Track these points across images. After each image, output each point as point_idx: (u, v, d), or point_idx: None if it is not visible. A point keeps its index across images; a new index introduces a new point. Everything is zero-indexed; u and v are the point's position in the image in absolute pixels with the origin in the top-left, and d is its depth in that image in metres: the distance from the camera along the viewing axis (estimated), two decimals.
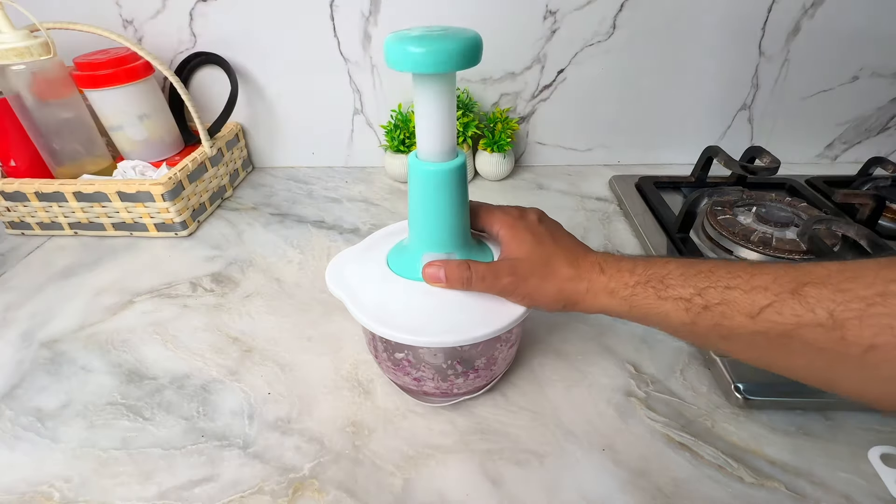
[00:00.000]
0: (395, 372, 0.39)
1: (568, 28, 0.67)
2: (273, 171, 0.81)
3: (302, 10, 0.67)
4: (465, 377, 0.38)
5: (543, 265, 0.33)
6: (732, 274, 0.27)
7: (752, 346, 0.26)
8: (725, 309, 0.26)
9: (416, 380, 0.39)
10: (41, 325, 0.49)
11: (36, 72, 0.57)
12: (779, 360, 0.26)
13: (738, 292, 0.26)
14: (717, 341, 0.28)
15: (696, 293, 0.27)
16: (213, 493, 0.34)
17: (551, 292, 0.33)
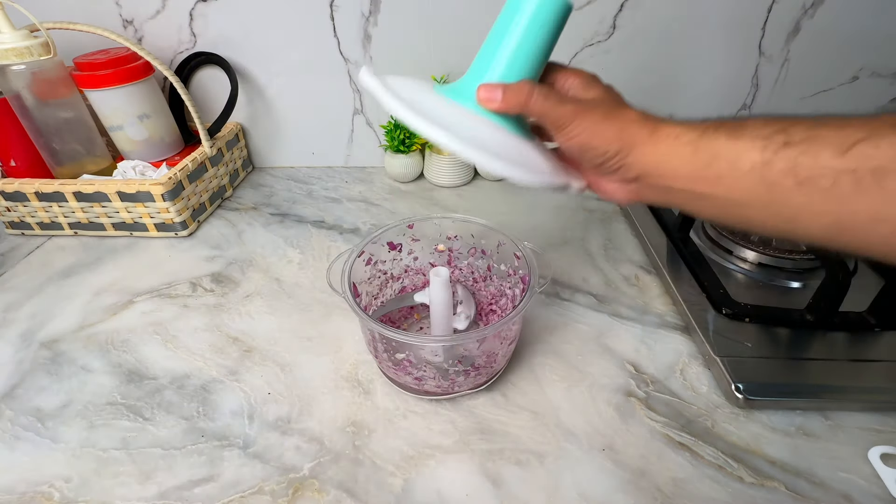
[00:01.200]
0: (395, 372, 0.39)
1: (568, 28, 0.66)
2: (273, 171, 0.81)
3: (302, 10, 0.67)
4: (465, 375, 0.38)
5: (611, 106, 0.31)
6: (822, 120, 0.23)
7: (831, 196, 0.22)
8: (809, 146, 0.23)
9: (417, 379, 0.39)
10: (41, 325, 0.49)
11: (36, 72, 0.57)
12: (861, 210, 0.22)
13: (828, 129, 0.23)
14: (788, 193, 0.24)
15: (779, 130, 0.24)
16: (213, 493, 0.34)
17: (612, 130, 0.30)
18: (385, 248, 0.46)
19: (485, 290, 0.49)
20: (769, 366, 0.40)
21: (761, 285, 0.50)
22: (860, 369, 0.40)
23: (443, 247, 0.49)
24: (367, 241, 0.43)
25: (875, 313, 0.43)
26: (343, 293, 0.38)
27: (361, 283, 0.44)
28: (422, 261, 0.49)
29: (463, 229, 0.47)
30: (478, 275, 0.50)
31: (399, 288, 0.50)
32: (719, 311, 0.45)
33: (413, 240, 0.47)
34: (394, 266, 0.48)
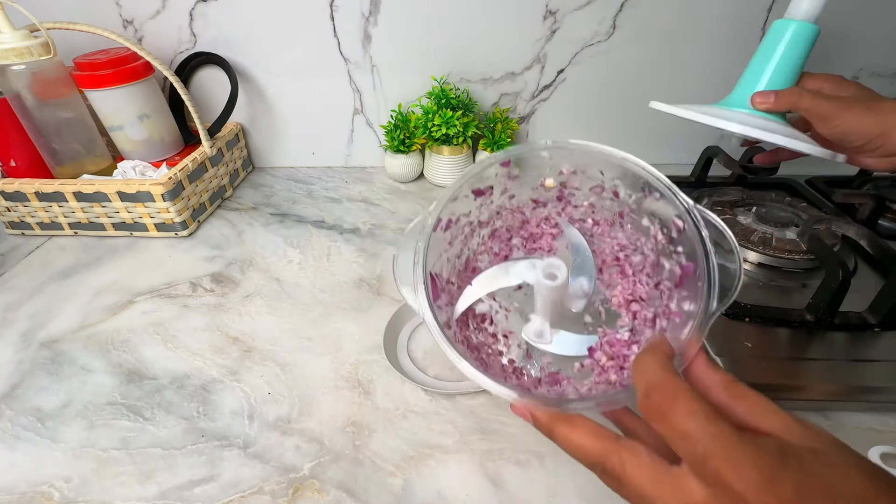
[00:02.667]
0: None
1: (568, 28, 0.67)
2: (273, 171, 0.81)
3: (302, 11, 0.67)
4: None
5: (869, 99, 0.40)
6: None
7: None
8: None
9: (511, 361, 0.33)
10: (41, 325, 0.49)
11: (36, 72, 0.57)
12: None
13: None
14: None
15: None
16: (213, 493, 0.34)
17: (873, 119, 0.38)
18: (469, 198, 0.36)
19: (610, 238, 0.38)
20: (769, 366, 0.40)
21: (761, 285, 0.50)
22: (860, 369, 0.40)
23: (552, 182, 0.37)
24: (445, 203, 0.33)
25: (875, 313, 0.43)
26: (420, 310, 0.29)
27: (440, 256, 0.34)
28: (520, 198, 0.39)
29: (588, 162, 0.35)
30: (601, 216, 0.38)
31: (489, 232, 0.39)
32: None
33: (510, 178, 0.37)
34: (481, 212, 0.38)
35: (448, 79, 0.72)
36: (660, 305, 0.33)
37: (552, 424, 0.24)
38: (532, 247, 0.40)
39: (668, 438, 0.20)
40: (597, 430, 0.23)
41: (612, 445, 0.22)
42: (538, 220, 0.40)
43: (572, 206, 0.39)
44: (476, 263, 0.38)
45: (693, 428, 0.19)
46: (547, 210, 0.39)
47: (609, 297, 0.36)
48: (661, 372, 0.22)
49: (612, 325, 0.35)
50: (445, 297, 0.33)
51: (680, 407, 0.20)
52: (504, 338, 0.35)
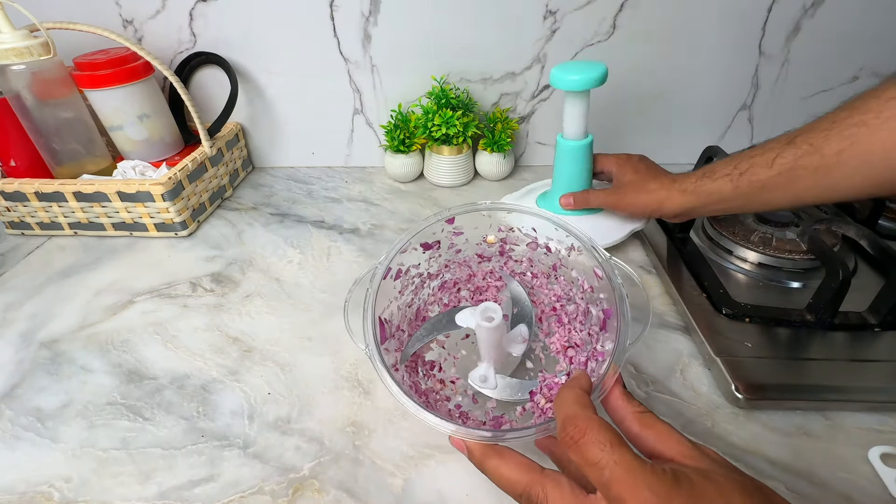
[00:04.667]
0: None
1: (568, 28, 0.67)
2: (273, 171, 0.81)
3: (302, 10, 0.67)
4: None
5: (639, 185, 0.50)
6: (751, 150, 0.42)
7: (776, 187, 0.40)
8: (751, 169, 0.41)
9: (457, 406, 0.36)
10: (41, 325, 0.49)
11: (36, 72, 0.57)
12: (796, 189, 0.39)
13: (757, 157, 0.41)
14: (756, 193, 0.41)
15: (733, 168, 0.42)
16: (213, 493, 0.34)
17: (646, 199, 0.49)
18: (418, 251, 0.40)
19: (547, 290, 0.42)
20: (769, 366, 0.40)
21: (761, 285, 0.50)
22: (860, 369, 0.40)
23: (493, 238, 0.42)
24: (394, 254, 0.36)
25: (875, 313, 0.43)
26: (367, 349, 0.31)
27: (390, 304, 0.37)
28: (466, 253, 0.43)
29: (523, 222, 0.40)
30: (538, 269, 0.42)
31: (438, 284, 0.43)
32: (719, 311, 0.45)
33: (455, 233, 0.41)
34: (430, 265, 0.42)
35: (448, 79, 0.72)
36: (590, 349, 0.36)
37: (484, 457, 0.27)
38: (479, 298, 0.44)
39: (581, 466, 0.23)
40: (524, 463, 0.26)
41: (537, 477, 0.25)
42: (483, 274, 0.44)
43: (513, 260, 0.44)
44: (426, 313, 0.42)
45: (600, 456, 0.22)
46: (491, 264, 0.44)
47: (548, 344, 0.41)
48: (575, 406, 0.25)
49: (551, 370, 0.39)
50: (395, 343, 0.36)
51: (590, 437, 0.23)
52: (451, 384, 0.38)
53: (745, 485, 0.21)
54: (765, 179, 0.40)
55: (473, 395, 0.37)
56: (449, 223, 0.40)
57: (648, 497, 0.20)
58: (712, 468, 0.22)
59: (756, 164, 0.40)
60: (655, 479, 0.21)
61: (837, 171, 0.36)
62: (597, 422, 0.23)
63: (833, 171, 0.36)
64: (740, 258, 0.52)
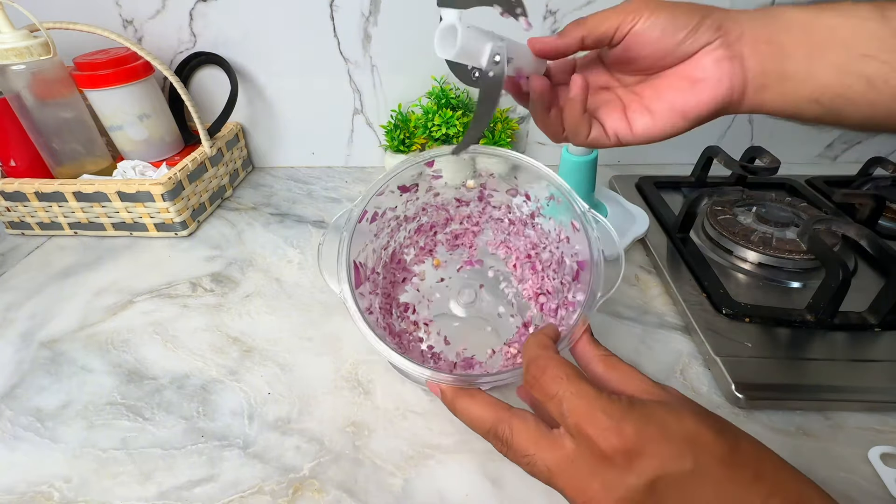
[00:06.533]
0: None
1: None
2: (273, 171, 0.81)
3: (302, 10, 0.67)
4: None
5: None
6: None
7: None
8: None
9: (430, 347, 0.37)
10: (41, 325, 0.49)
11: (36, 72, 0.57)
12: None
13: None
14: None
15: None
16: (213, 493, 0.34)
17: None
18: (395, 194, 0.38)
19: (523, 237, 0.41)
20: (769, 366, 0.40)
21: (761, 285, 0.50)
22: (860, 369, 0.40)
23: (472, 183, 0.41)
24: (371, 197, 0.35)
25: (875, 313, 0.43)
26: (340, 292, 0.31)
27: (365, 248, 0.36)
28: (444, 196, 0.42)
29: (503, 167, 0.39)
30: (516, 217, 0.41)
31: (415, 227, 0.42)
32: (719, 311, 0.45)
33: (434, 177, 0.39)
34: (407, 208, 0.41)
35: (448, 79, 0.71)
36: (562, 297, 0.36)
37: (455, 397, 0.27)
38: (455, 243, 0.44)
39: (543, 402, 0.24)
40: (492, 402, 0.26)
41: (503, 414, 0.25)
42: (461, 218, 0.43)
43: (492, 206, 0.42)
44: (402, 255, 0.41)
45: (557, 389, 0.23)
46: (469, 209, 0.43)
47: (520, 290, 0.41)
48: (537, 349, 0.26)
49: (524, 316, 0.39)
50: (370, 286, 0.36)
51: (549, 373, 0.24)
52: (425, 325, 0.38)
53: (698, 411, 0.22)
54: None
55: (445, 337, 0.38)
56: (428, 166, 0.38)
57: (603, 420, 0.21)
58: (669, 399, 0.23)
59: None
60: (610, 404, 0.22)
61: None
62: (555, 359, 0.25)
63: None
64: (740, 258, 0.52)
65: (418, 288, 0.41)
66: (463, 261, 0.43)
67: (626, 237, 0.56)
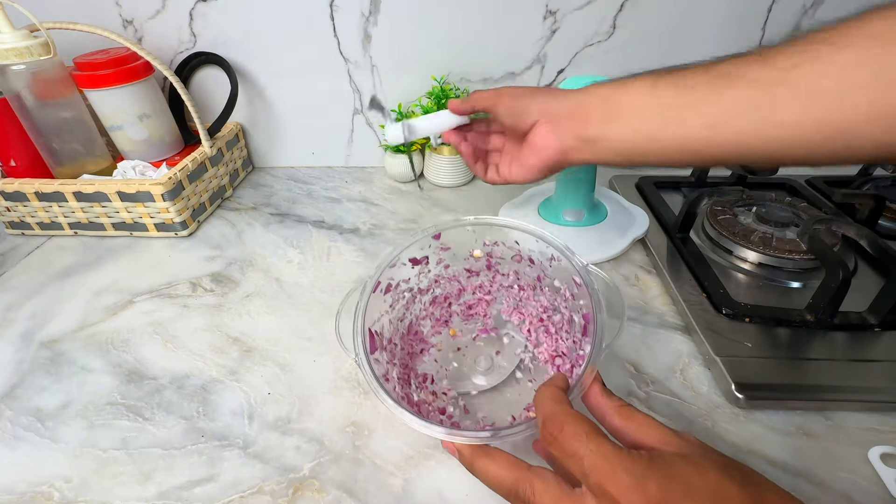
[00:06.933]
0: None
1: (568, 28, 0.67)
2: (273, 171, 0.81)
3: (302, 10, 0.67)
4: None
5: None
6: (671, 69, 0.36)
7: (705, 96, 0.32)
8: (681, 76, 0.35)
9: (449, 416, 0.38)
10: (41, 325, 0.49)
11: (36, 72, 0.57)
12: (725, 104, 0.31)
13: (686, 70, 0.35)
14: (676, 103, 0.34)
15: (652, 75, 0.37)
16: (213, 493, 0.34)
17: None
18: (407, 266, 0.41)
19: (534, 301, 0.43)
20: (769, 366, 0.40)
21: (761, 285, 0.50)
22: (860, 369, 0.40)
23: (479, 252, 0.43)
24: (383, 269, 0.37)
25: (875, 313, 0.43)
26: (356, 356, 0.32)
27: (381, 317, 0.38)
28: (455, 268, 0.44)
29: (505, 236, 0.41)
30: (525, 282, 0.43)
31: (430, 299, 0.44)
32: (719, 311, 0.45)
33: (442, 249, 0.42)
34: (420, 280, 0.43)
35: (448, 79, 0.72)
36: (574, 355, 0.37)
37: (473, 458, 0.27)
38: (469, 313, 0.46)
39: (563, 460, 0.23)
40: (511, 461, 0.26)
41: (524, 474, 0.25)
42: (473, 288, 0.45)
43: (501, 274, 0.44)
44: (419, 327, 0.43)
45: (577, 447, 0.23)
46: (480, 279, 0.45)
47: (536, 354, 0.42)
48: (552, 404, 0.25)
49: (541, 379, 0.39)
50: (387, 356, 0.37)
51: (568, 430, 0.23)
52: (444, 395, 0.39)
53: (721, 463, 0.22)
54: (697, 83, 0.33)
55: (464, 406, 0.38)
56: (436, 239, 0.41)
57: (625, 479, 0.21)
58: (690, 450, 0.23)
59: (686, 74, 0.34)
60: (631, 462, 0.21)
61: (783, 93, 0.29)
62: (573, 415, 0.24)
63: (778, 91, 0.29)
64: (740, 258, 0.52)
65: (436, 358, 0.42)
66: (478, 329, 0.44)
67: (626, 237, 0.57)
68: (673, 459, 0.22)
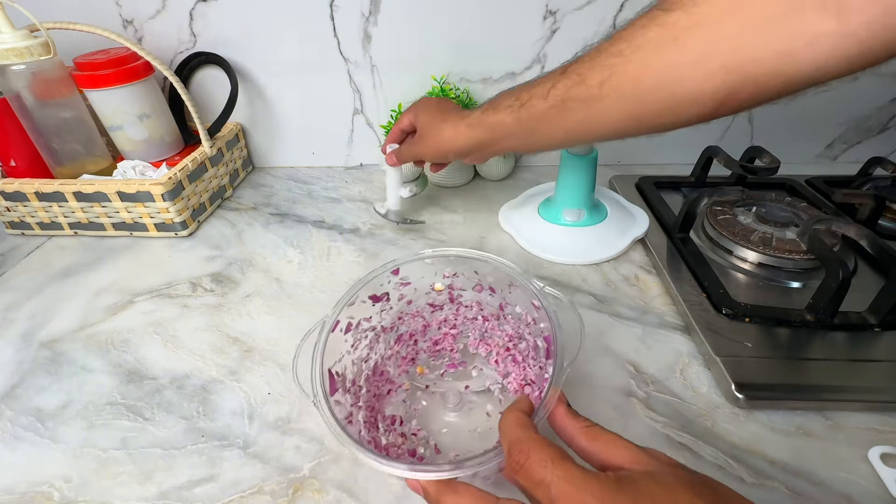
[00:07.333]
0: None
1: (568, 28, 0.67)
2: (273, 171, 0.81)
3: (302, 10, 0.67)
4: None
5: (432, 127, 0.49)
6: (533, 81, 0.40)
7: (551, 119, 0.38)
8: (531, 100, 0.39)
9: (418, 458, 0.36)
10: (41, 325, 0.49)
11: (36, 72, 0.57)
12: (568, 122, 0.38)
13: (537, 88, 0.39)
14: (535, 125, 0.40)
15: (515, 99, 0.41)
16: (213, 493, 0.34)
17: (437, 142, 0.49)
18: (367, 304, 0.40)
19: (499, 331, 0.43)
20: (769, 366, 0.40)
21: (761, 285, 0.50)
22: (860, 369, 0.40)
23: (440, 286, 0.42)
24: (342, 307, 0.37)
25: (875, 313, 0.43)
26: (314, 397, 0.31)
27: (342, 358, 0.37)
28: (417, 303, 0.43)
29: (464, 266, 0.41)
30: (488, 312, 0.43)
31: (394, 338, 0.43)
32: (719, 311, 0.45)
33: (402, 284, 0.41)
34: (382, 317, 0.41)
35: (448, 79, 0.72)
36: (541, 382, 0.36)
37: (439, 494, 0.26)
38: (435, 350, 0.44)
39: (530, 489, 0.23)
40: (479, 495, 0.25)
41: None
42: (438, 323, 0.44)
43: (464, 306, 0.44)
44: (385, 367, 0.41)
45: (543, 474, 0.22)
46: (444, 313, 0.44)
47: (506, 385, 0.41)
48: (517, 430, 0.25)
49: None
50: (351, 398, 0.36)
51: (534, 457, 0.23)
52: (413, 436, 0.37)
53: (690, 481, 0.21)
54: (542, 111, 0.38)
55: (435, 446, 0.37)
56: (394, 274, 0.40)
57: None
58: (659, 469, 0.22)
59: (535, 95, 0.39)
60: (598, 485, 0.21)
61: (600, 103, 0.35)
62: (538, 441, 0.24)
63: (597, 103, 0.35)
64: (740, 258, 0.52)
65: (404, 399, 0.40)
66: (446, 365, 0.43)
67: (626, 237, 0.57)
68: (641, 479, 0.21)
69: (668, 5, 0.31)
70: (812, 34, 0.26)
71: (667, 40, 0.30)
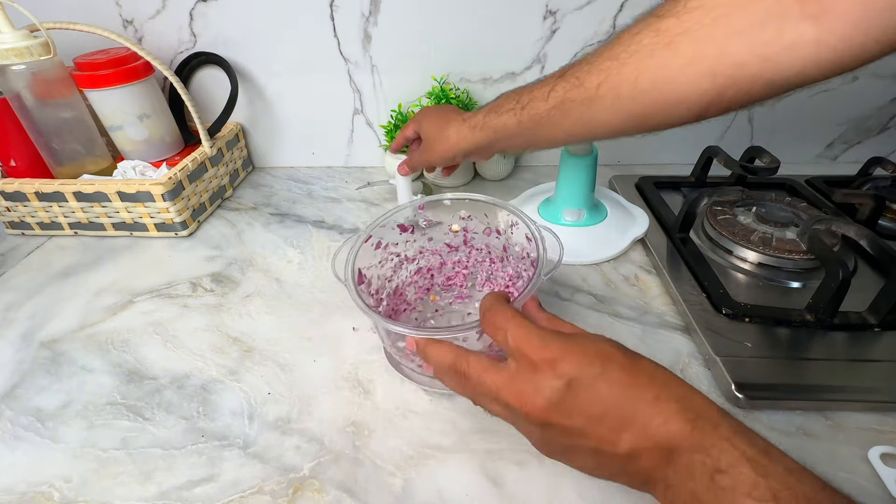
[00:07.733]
0: (400, 359, 0.41)
1: (568, 28, 0.67)
2: (273, 171, 0.81)
3: (302, 10, 0.67)
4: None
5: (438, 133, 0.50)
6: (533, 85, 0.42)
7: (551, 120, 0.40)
8: (531, 103, 0.41)
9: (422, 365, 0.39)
10: (41, 325, 0.49)
11: (36, 72, 0.57)
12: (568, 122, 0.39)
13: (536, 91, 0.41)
14: (536, 127, 0.41)
15: (516, 102, 0.42)
16: (213, 493, 0.34)
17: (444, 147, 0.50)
18: (396, 231, 0.47)
19: (502, 272, 0.49)
20: (769, 366, 0.40)
21: (761, 285, 0.50)
22: (860, 369, 0.40)
23: (457, 227, 0.49)
24: (376, 224, 0.44)
25: (875, 313, 0.43)
26: (345, 281, 0.38)
27: (370, 268, 0.45)
28: (437, 241, 0.50)
29: (476, 209, 0.48)
30: (494, 255, 0.50)
31: (415, 269, 0.50)
32: (719, 311, 0.45)
33: (425, 222, 0.49)
34: (407, 248, 0.49)
35: (448, 79, 0.72)
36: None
37: (425, 346, 0.33)
38: (447, 284, 0.52)
39: (492, 335, 0.30)
40: (453, 346, 0.32)
41: (462, 353, 0.31)
42: (452, 263, 0.52)
43: (475, 248, 0.51)
44: (404, 291, 0.50)
45: (504, 323, 0.29)
46: (458, 254, 0.52)
47: None
48: (493, 301, 0.32)
49: None
50: (373, 301, 0.44)
51: (500, 315, 0.30)
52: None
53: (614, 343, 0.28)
54: (543, 113, 0.40)
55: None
56: (420, 209, 0.48)
57: (536, 341, 0.28)
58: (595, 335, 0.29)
59: (535, 97, 0.41)
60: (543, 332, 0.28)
61: (597, 104, 0.37)
62: (507, 307, 0.31)
63: (594, 104, 0.37)
64: (740, 258, 0.52)
65: (416, 318, 0.48)
66: (454, 297, 0.51)
67: (626, 237, 0.57)
68: (576, 335, 0.29)
69: (661, 12, 0.33)
70: (791, 39, 0.28)
71: (660, 45, 0.32)
